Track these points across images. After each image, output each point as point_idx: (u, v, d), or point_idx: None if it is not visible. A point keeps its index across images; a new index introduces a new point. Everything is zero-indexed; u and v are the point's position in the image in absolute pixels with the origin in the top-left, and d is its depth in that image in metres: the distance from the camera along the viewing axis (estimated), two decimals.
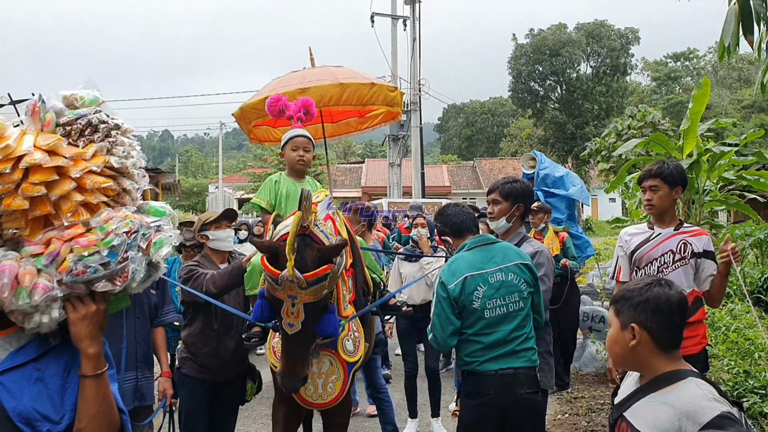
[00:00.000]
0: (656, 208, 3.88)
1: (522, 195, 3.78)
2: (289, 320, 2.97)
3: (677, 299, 2.07)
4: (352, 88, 5.52)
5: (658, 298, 2.06)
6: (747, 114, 46.01)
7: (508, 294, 3.35)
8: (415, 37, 20.63)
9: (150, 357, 3.84)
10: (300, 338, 3.02)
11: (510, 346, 3.30)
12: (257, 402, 6.97)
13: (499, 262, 3.39)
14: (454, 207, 3.65)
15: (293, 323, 2.96)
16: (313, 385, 3.53)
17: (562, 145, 41.61)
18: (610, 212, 38.78)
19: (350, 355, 3.62)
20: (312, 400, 3.56)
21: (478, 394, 3.30)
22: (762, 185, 10.95)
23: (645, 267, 3.90)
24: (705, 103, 10.03)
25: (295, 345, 3.04)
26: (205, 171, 66.81)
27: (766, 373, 5.66)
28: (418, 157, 20.98)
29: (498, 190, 3.82)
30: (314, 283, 2.91)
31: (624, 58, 42.46)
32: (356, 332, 3.70)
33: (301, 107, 4.40)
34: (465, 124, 62.35)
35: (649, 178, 3.88)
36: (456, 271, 3.36)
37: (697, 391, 1.94)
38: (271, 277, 2.93)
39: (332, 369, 3.56)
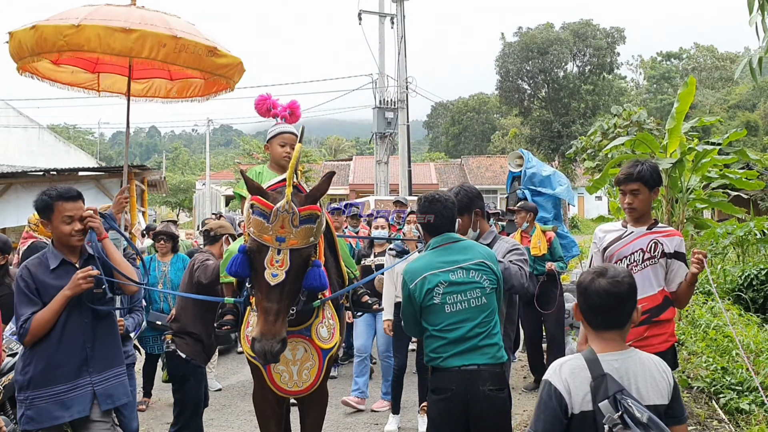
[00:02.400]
0: (638, 211, 3.90)
1: (469, 202, 3.93)
2: (273, 270, 2.97)
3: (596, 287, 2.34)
4: (190, 46, 4.54)
5: (580, 284, 2.41)
6: (733, 113, 46.37)
7: (470, 290, 3.40)
8: (403, 35, 20.65)
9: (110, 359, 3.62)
10: (283, 291, 3.02)
11: (472, 342, 3.35)
12: (240, 398, 7.00)
13: (460, 260, 3.45)
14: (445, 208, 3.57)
15: (277, 273, 2.98)
16: (288, 373, 3.54)
17: (548, 144, 41.75)
18: (596, 210, 38.97)
19: (325, 341, 3.62)
20: (287, 387, 3.57)
21: (443, 390, 3.36)
22: (745, 183, 11.07)
23: (615, 264, 3.92)
24: (690, 102, 10.12)
25: (276, 299, 3.01)
26: (192, 167, 66.52)
27: (743, 370, 5.75)
28: (405, 155, 21.01)
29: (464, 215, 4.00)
30: (305, 221, 2.99)
31: (610, 57, 42.66)
32: (331, 320, 3.71)
33: (287, 107, 4.43)
34: (452, 122, 62.40)
35: (630, 182, 3.86)
36: (416, 271, 3.45)
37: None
38: (263, 213, 2.97)
39: (307, 356, 3.56)
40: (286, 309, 3.09)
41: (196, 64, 4.66)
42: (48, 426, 3.38)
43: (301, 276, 3.12)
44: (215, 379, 7.64)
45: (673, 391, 2.37)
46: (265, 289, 3.02)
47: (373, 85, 20.92)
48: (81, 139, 61.03)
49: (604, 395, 2.22)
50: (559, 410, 2.31)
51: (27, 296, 3.38)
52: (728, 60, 54.58)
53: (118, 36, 4.25)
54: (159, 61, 4.49)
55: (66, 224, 3.46)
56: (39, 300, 3.40)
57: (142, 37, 4.31)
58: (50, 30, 4.26)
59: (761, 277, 8.78)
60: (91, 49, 4.29)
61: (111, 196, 13.83)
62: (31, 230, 6.00)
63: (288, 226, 2.94)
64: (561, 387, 2.32)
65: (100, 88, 5.54)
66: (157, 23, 4.50)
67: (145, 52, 4.36)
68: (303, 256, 3.08)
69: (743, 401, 5.35)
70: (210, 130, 46.12)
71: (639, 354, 2.40)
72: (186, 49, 4.50)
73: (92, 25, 4.23)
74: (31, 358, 3.42)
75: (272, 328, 3.00)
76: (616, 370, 2.30)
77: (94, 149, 51.33)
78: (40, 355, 3.41)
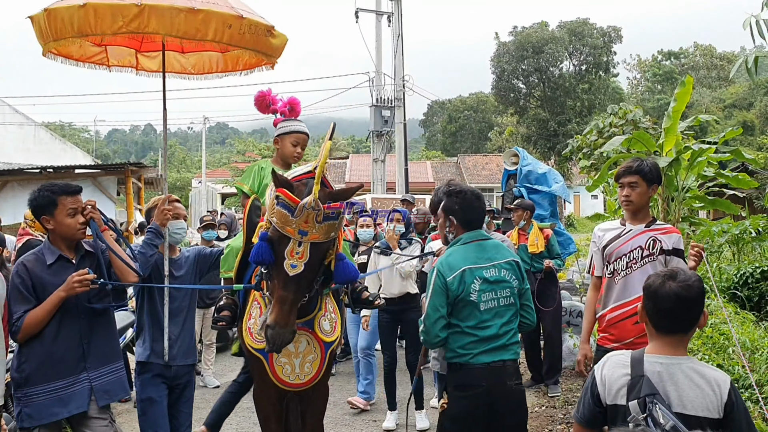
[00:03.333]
0: (634, 204, 3.92)
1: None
2: (293, 261, 3.04)
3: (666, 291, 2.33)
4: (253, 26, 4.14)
5: (649, 287, 2.40)
6: (729, 112, 46.49)
7: (501, 289, 3.43)
8: (400, 33, 20.63)
9: (107, 354, 3.63)
10: (299, 282, 3.10)
11: (501, 341, 3.39)
12: None
13: (493, 258, 3.47)
14: (477, 200, 3.58)
15: (296, 264, 3.05)
16: (290, 365, 3.55)
17: (544, 142, 41.77)
18: (592, 209, 39.08)
19: (327, 334, 3.63)
20: (290, 380, 3.57)
21: (470, 386, 3.36)
22: (740, 182, 11.12)
23: (615, 262, 3.94)
24: (686, 102, 10.16)
25: (293, 289, 3.09)
26: (188, 165, 66.34)
27: (739, 367, 5.78)
28: (402, 153, 21.00)
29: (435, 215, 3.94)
30: (328, 218, 3.05)
31: (606, 56, 42.69)
32: (333, 313, 3.72)
33: (287, 104, 4.38)
34: (448, 121, 62.39)
35: (628, 174, 3.91)
36: (454, 265, 3.41)
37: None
38: (289, 206, 3.01)
39: (309, 348, 3.58)
40: (299, 300, 3.17)
41: (256, 45, 4.25)
42: (46, 423, 3.38)
43: (317, 268, 3.20)
44: (213, 377, 7.65)
45: (726, 408, 2.29)
46: (283, 278, 3.09)
47: (370, 83, 20.90)
48: (76, 137, 60.83)
49: (636, 395, 2.28)
50: (593, 400, 2.43)
51: (21, 293, 3.38)
52: (726, 60, 54.66)
53: (183, 17, 3.83)
54: (223, 43, 4.10)
55: (71, 217, 3.48)
56: (34, 297, 3.40)
57: (207, 18, 3.91)
58: (106, 9, 3.77)
59: (756, 276, 8.81)
60: (154, 30, 3.85)
61: (107, 193, 13.83)
62: (28, 227, 6.00)
63: (312, 221, 3.00)
64: (599, 378, 2.43)
65: (109, 63, 4.91)
66: (218, 1, 4.07)
67: (210, 34, 3.96)
68: (322, 250, 3.15)
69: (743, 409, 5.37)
70: (206, 128, 46.07)
71: (693, 363, 2.38)
72: (249, 30, 4.11)
73: (156, 5, 3.79)
74: (27, 355, 3.41)
75: (286, 317, 3.09)
76: (658, 373, 2.32)
77: (90, 147, 51.20)
78: (36, 351, 3.40)
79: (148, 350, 4.07)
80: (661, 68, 62.22)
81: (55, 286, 3.40)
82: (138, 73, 5.01)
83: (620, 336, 3.89)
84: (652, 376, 2.31)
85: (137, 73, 5.00)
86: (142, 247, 3.89)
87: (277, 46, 4.44)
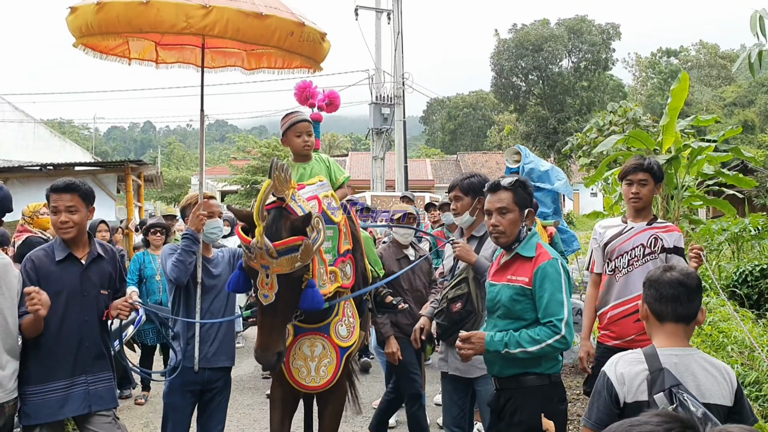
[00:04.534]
0: (643, 201, 3.94)
1: (482, 188, 3.76)
2: (264, 291, 3.10)
3: (668, 277, 2.37)
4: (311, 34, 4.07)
5: (650, 277, 2.44)
6: (729, 111, 46.54)
7: None
8: (399, 31, 20.62)
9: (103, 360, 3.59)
10: (275, 310, 3.14)
11: None
12: (238, 392, 7.01)
13: None
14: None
15: (267, 294, 3.09)
16: (306, 368, 3.64)
17: (544, 140, 41.82)
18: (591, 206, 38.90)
19: (343, 340, 3.69)
20: (305, 383, 3.66)
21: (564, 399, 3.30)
22: (740, 181, 11.13)
23: (616, 259, 3.96)
24: (684, 99, 10.16)
25: (269, 317, 3.16)
26: (187, 163, 66.40)
27: (738, 365, 5.79)
28: (401, 151, 20.99)
29: (458, 187, 4.00)
30: (284, 253, 3.03)
31: (605, 53, 42.71)
32: (351, 318, 3.76)
33: (326, 97, 4.38)
34: (448, 118, 62.42)
35: (639, 171, 3.91)
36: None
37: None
38: (244, 245, 3.10)
39: (325, 353, 3.65)
40: (281, 325, 3.23)
41: (311, 53, 4.19)
42: (43, 422, 3.36)
43: (293, 294, 3.19)
44: None
45: (737, 394, 2.37)
46: (260, 307, 3.18)
47: (369, 80, 20.89)
48: (76, 134, 60.87)
49: (660, 388, 2.27)
50: (609, 400, 2.38)
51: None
52: (728, 59, 54.66)
53: (251, 22, 3.70)
54: (283, 50, 4.00)
55: (53, 214, 3.48)
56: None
57: (273, 24, 3.79)
58: (171, 7, 3.61)
59: (756, 274, 8.81)
60: (218, 34, 3.72)
61: (107, 190, 13.83)
62: (26, 223, 5.99)
63: (267, 257, 3.02)
64: (614, 378, 2.39)
65: (130, 56, 4.70)
66: (278, 5, 3.96)
67: (273, 41, 3.85)
68: (292, 278, 3.14)
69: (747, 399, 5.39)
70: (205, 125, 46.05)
71: (701, 354, 2.43)
72: (308, 38, 4.03)
73: (224, 6, 3.65)
74: (30, 353, 3.41)
75: (267, 341, 3.16)
76: (675, 365, 2.33)
77: (89, 144, 51.19)
78: (37, 351, 3.40)
79: (181, 354, 3.98)
80: (668, 66, 62.22)
81: (62, 281, 3.41)
82: (158, 66, 4.81)
83: (621, 333, 3.90)
84: (669, 369, 2.31)
85: (158, 66, 4.79)
86: (179, 254, 3.85)
87: (325, 53, 4.40)
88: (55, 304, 3.35)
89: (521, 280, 3.13)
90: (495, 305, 3.21)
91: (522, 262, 3.18)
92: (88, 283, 3.50)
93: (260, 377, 7.53)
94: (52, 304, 3.33)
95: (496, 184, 3.26)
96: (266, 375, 7.07)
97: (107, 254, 3.65)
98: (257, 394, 6.92)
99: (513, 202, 3.19)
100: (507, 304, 3.14)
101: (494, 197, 3.24)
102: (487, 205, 3.27)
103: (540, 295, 3.08)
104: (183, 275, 3.85)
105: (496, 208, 3.21)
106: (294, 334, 3.63)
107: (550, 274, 3.09)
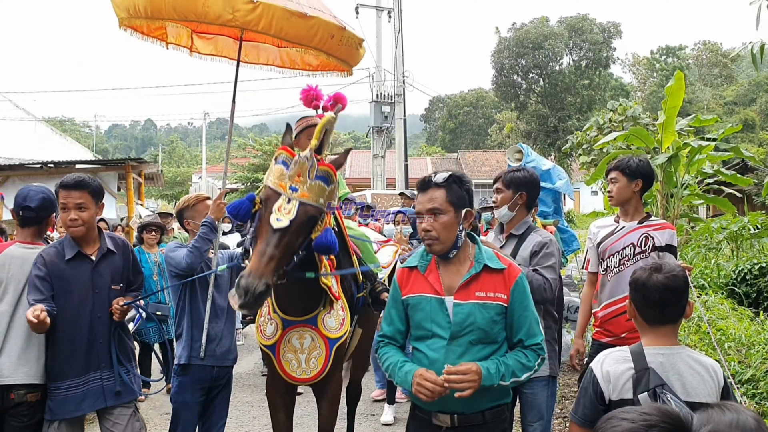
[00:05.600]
0: (615, 199, 4.06)
1: (525, 183, 3.74)
2: (279, 215, 3.00)
3: (654, 282, 2.38)
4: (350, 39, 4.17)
5: (637, 280, 2.44)
6: (729, 109, 46.51)
7: None
8: (400, 29, 20.63)
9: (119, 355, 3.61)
10: (281, 238, 2.98)
11: None
12: (238, 389, 7.05)
13: None
14: None
15: (282, 218, 2.99)
16: (296, 360, 3.64)
17: (544, 138, 41.82)
18: (591, 205, 38.96)
19: (332, 331, 3.68)
20: (297, 375, 3.65)
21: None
22: (740, 180, 11.15)
23: (608, 259, 4.02)
24: (681, 97, 10.18)
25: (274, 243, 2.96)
26: (188, 161, 66.44)
27: (735, 363, 5.81)
28: (402, 149, 21.01)
29: (501, 179, 3.83)
30: (320, 177, 3.11)
31: (606, 51, 42.69)
32: (340, 311, 3.75)
33: (332, 98, 4.28)
34: (449, 117, 62.40)
35: (611, 171, 4.08)
36: None
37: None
38: (285, 160, 3.11)
39: (314, 344, 3.65)
40: (279, 258, 2.99)
41: (347, 56, 4.30)
42: (62, 418, 3.40)
43: (301, 233, 3.09)
44: None
45: (723, 392, 2.38)
46: (266, 233, 3.01)
47: (370, 79, 20.90)
48: (77, 132, 60.91)
49: (644, 387, 2.29)
50: (595, 397, 2.40)
51: (34, 284, 3.37)
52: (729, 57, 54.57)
53: (295, 22, 3.76)
54: (323, 52, 4.09)
55: (62, 211, 3.48)
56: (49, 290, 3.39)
57: (316, 26, 3.86)
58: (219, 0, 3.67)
59: (755, 272, 8.83)
60: (261, 30, 3.76)
61: (108, 188, 13.85)
62: None
63: (304, 175, 3.05)
64: (600, 375, 2.41)
65: (168, 39, 4.65)
66: (322, 8, 4.03)
67: (315, 41, 3.93)
68: (308, 214, 3.07)
69: (735, 394, 5.41)
70: (206, 123, 46.10)
71: (688, 351, 2.44)
72: (347, 42, 4.11)
73: (270, 3, 3.68)
74: (51, 350, 3.44)
75: (260, 267, 2.90)
76: (661, 364, 2.35)
77: (90, 142, 51.24)
78: (54, 349, 3.43)
79: (188, 350, 3.98)
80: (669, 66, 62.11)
81: (72, 280, 3.42)
82: (192, 54, 4.78)
83: (614, 331, 3.96)
84: (655, 368, 2.34)
85: (191, 54, 4.78)
86: (196, 241, 3.83)
87: (360, 58, 4.50)
88: (67, 302, 3.39)
89: (499, 298, 2.68)
90: (465, 329, 2.65)
91: (490, 275, 2.71)
92: (99, 279, 3.51)
93: (260, 374, 7.57)
94: (64, 302, 3.38)
95: (426, 181, 2.79)
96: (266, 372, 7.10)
97: (118, 248, 3.65)
98: (257, 392, 6.95)
99: (447, 201, 2.70)
100: (485, 327, 2.64)
101: (425, 196, 2.75)
102: (417, 206, 2.79)
103: (521, 314, 2.70)
104: (197, 261, 3.84)
105: (426, 210, 2.71)
106: (282, 327, 3.62)
107: (527, 289, 2.76)
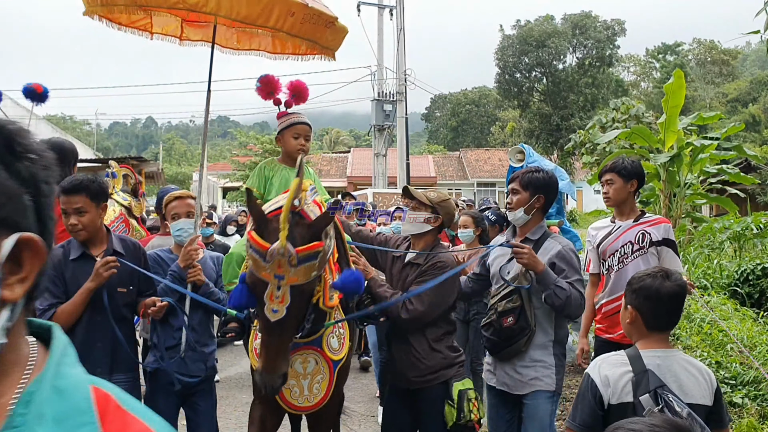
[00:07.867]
0: (612, 200, 4.15)
1: (544, 186, 3.54)
2: (273, 305, 2.75)
3: (667, 290, 2.40)
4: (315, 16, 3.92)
5: (649, 288, 2.43)
6: (732, 107, 46.44)
7: None
8: (402, 27, 20.59)
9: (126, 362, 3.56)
10: (283, 326, 2.81)
11: None
12: (238, 389, 7.03)
13: None
14: None
15: (277, 309, 2.75)
16: (298, 387, 3.34)
17: (547, 137, 41.77)
18: (594, 204, 38.88)
19: (335, 352, 3.43)
20: (298, 403, 3.35)
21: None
22: (743, 178, 11.11)
23: (609, 258, 4.12)
24: (683, 96, 10.14)
25: (277, 335, 2.82)
26: (188, 159, 66.49)
27: (737, 364, 5.78)
28: (403, 148, 20.98)
29: (518, 180, 3.61)
30: (304, 260, 2.73)
31: (610, 49, 42.62)
32: (341, 328, 3.53)
33: (291, 90, 4.12)
34: (451, 115, 62.36)
35: (606, 172, 4.16)
36: None
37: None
38: (259, 252, 2.73)
39: (318, 368, 3.37)
40: (287, 344, 2.91)
41: (313, 36, 4.01)
42: None
43: (302, 310, 2.93)
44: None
45: (716, 394, 2.43)
46: (265, 323, 2.83)
47: (371, 77, 20.90)
48: (78, 130, 60.96)
49: (645, 389, 2.31)
50: (594, 402, 2.41)
51: (46, 287, 3.29)
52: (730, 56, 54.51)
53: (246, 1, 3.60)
54: (282, 32, 3.84)
55: (63, 215, 3.40)
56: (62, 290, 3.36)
57: (271, 4, 3.66)
58: None
59: (757, 272, 8.79)
60: (212, 11, 3.60)
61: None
62: None
63: (285, 266, 2.72)
64: (598, 380, 2.43)
65: (152, 30, 4.51)
66: None
67: (271, 21, 3.71)
68: (305, 290, 2.87)
69: (736, 395, 5.39)
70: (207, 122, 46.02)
71: (682, 355, 2.49)
72: (311, 20, 3.84)
73: None
74: None
75: (273, 364, 2.82)
76: (658, 366, 2.38)
77: (91, 140, 51.27)
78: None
79: (160, 355, 3.82)
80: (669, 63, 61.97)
81: (76, 281, 3.36)
82: (182, 43, 4.61)
83: (614, 327, 4.03)
84: (653, 370, 2.37)
85: (181, 43, 4.60)
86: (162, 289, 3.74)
87: (334, 38, 4.21)
88: None
89: None
90: None
91: None
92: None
93: None
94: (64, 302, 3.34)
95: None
96: None
97: (128, 250, 3.57)
98: None
99: None
100: None
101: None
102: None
103: None
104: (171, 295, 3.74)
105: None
106: None
107: None
